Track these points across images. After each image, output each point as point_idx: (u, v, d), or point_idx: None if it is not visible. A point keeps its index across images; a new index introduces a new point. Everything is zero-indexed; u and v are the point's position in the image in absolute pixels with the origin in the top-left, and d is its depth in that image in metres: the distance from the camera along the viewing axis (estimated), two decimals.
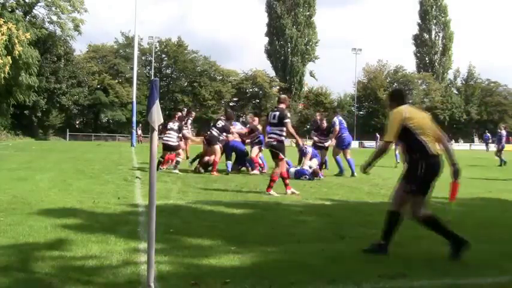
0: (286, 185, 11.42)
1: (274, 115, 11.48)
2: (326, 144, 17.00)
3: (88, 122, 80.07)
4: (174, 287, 4.46)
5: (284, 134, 11.39)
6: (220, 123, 16.40)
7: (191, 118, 22.11)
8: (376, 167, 5.83)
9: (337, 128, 16.76)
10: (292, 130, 11.54)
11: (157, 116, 4.30)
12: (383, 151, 5.83)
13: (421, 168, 5.52)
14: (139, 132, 56.25)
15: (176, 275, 4.76)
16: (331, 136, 16.85)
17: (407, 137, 5.62)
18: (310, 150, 16.25)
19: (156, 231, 4.33)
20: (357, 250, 5.94)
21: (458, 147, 76.30)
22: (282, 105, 11.61)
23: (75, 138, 68.64)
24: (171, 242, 6.07)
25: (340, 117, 17.70)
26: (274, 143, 11.31)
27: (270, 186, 11.21)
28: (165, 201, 9.37)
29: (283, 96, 12.32)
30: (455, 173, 5.71)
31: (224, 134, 16.15)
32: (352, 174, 16.37)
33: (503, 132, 27.85)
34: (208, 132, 16.48)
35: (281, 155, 11.24)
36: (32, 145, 39.63)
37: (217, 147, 15.85)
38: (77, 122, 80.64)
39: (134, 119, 45.88)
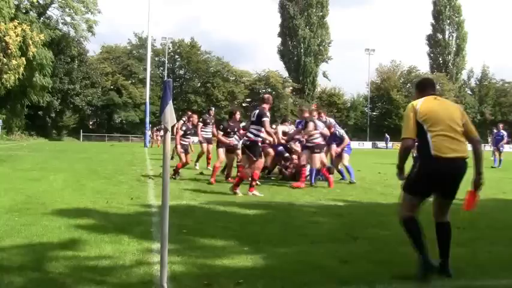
0: (236, 185, 11.05)
1: (255, 113, 11.33)
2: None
3: (101, 123, 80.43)
4: (187, 287, 4.47)
5: (262, 134, 11.20)
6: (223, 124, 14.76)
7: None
8: (389, 167, 5.80)
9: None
10: (269, 129, 11.32)
11: (170, 116, 4.30)
12: (403, 149, 5.15)
13: (416, 167, 5.06)
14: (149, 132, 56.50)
15: (189, 276, 4.77)
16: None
17: (418, 130, 5.01)
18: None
19: (169, 231, 4.34)
20: (369, 251, 5.92)
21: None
22: (264, 105, 11.32)
23: (89, 139, 69.09)
24: (184, 242, 6.08)
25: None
26: (248, 142, 11.17)
27: (251, 186, 11.09)
28: (178, 202, 9.38)
29: (266, 95, 11.92)
30: (475, 184, 5.05)
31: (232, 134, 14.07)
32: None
33: (504, 133, 26.43)
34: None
35: (253, 157, 11.04)
36: (46, 145, 39.86)
37: (220, 150, 14.00)
38: (91, 123, 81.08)
39: (147, 119, 46.07)
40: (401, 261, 5.50)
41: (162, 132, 41.76)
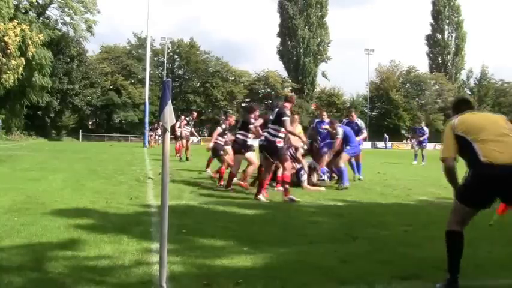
0: (258, 191, 10.31)
1: (274, 112, 10.54)
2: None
3: (101, 123, 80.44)
4: (187, 287, 4.46)
5: (280, 134, 10.24)
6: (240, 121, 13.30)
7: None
8: (389, 167, 5.76)
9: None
10: (290, 129, 10.37)
11: (169, 116, 4.29)
12: (447, 171, 4.82)
13: (468, 175, 4.64)
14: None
15: (188, 276, 4.77)
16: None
17: (460, 145, 4.73)
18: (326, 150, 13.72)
19: (169, 231, 4.33)
20: (369, 251, 5.92)
21: None
22: (286, 104, 10.47)
23: (88, 139, 69.13)
24: (184, 242, 6.08)
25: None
26: (265, 143, 10.32)
27: (258, 191, 10.30)
28: (178, 202, 9.38)
29: (290, 94, 11.32)
30: None
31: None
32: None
33: None
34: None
35: (270, 158, 10.32)
36: (45, 145, 39.84)
37: (248, 155, 12.30)
38: (90, 123, 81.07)
39: (147, 119, 45.95)
40: (401, 261, 5.50)
41: (158, 132, 42.10)
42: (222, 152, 13.66)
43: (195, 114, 24.80)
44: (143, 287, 4.42)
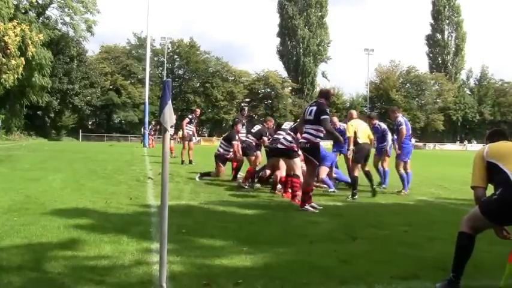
0: (303, 200, 9.27)
1: (311, 110, 9.31)
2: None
3: (100, 123, 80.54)
4: (186, 287, 4.46)
5: (321, 134, 9.30)
6: (256, 128, 13.71)
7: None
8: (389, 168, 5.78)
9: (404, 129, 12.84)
10: (331, 128, 9.49)
11: (169, 116, 4.29)
12: (476, 200, 4.77)
13: (496, 194, 4.58)
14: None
15: (188, 275, 4.76)
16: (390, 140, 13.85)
17: (491, 172, 4.72)
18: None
19: (168, 231, 4.32)
20: (369, 251, 5.92)
21: (471, 147, 76.10)
22: (323, 100, 9.44)
23: (88, 139, 69.17)
24: (183, 242, 6.07)
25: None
26: (307, 145, 9.24)
27: (302, 200, 9.31)
28: (177, 202, 9.38)
29: (325, 89, 10.77)
30: None
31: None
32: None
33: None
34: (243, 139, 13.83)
35: (314, 161, 9.28)
36: (45, 145, 39.82)
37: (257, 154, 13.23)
38: (90, 123, 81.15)
39: (146, 119, 45.94)
40: (400, 261, 5.50)
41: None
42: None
43: (198, 111, 22.27)
44: (143, 287, 4.41)
